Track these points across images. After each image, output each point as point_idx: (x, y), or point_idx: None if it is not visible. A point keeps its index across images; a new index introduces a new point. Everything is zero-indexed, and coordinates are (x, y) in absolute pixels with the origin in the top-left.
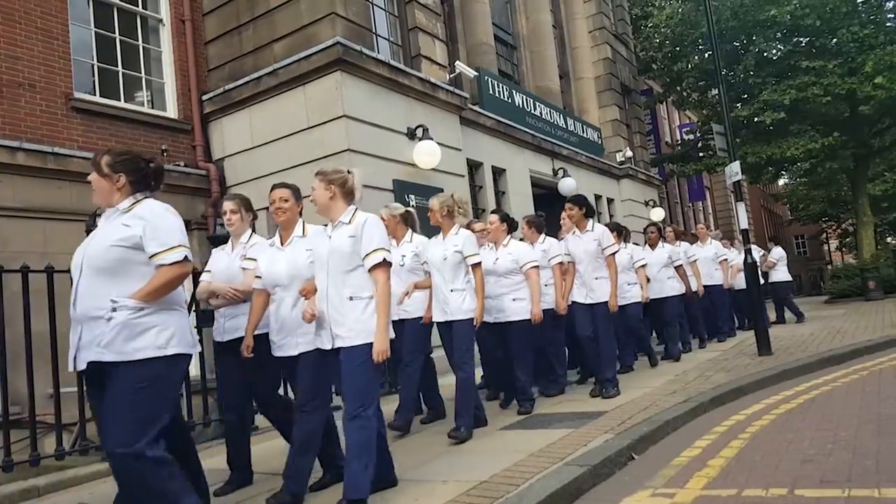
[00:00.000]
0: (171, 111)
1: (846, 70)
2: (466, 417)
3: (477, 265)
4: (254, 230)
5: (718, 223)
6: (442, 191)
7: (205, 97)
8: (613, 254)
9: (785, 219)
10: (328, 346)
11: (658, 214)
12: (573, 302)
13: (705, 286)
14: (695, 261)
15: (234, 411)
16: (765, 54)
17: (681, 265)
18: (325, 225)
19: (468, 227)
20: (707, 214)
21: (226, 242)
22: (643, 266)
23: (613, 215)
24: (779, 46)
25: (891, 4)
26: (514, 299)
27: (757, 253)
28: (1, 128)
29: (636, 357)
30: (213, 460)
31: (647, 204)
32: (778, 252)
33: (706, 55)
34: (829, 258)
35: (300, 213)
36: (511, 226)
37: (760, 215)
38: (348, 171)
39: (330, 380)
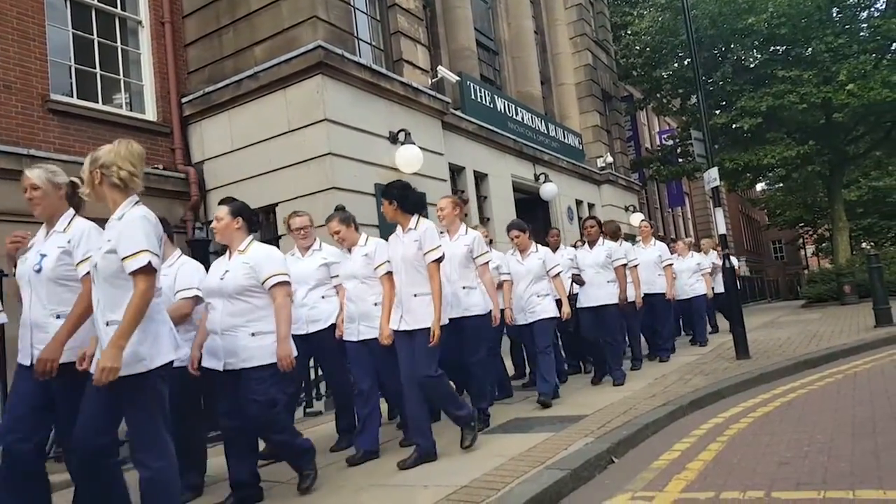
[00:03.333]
0: (150, 114)
1: (821, 79)
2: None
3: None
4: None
5: (697, 228)
6: (424, 195)
7: (184, 100)
8: (435, 261)
9: (763, 224)
10: None
11: (638, 219)
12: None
13: (646, 294)
14: (635, 265)
15: None
16: (742, 62)
17: (620, 266)
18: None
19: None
20: (686, 220)
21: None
22: (557, 275)
23: None
24: (756, 55)
25: (864, 14)
26: (252, 334)
27: (712, 257)
28: None
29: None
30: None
31: (627, 209)
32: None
33: (685, 62)
34: (806, 263)
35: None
36: (251, 224)
37: (739, 220)
38: None
39: None
